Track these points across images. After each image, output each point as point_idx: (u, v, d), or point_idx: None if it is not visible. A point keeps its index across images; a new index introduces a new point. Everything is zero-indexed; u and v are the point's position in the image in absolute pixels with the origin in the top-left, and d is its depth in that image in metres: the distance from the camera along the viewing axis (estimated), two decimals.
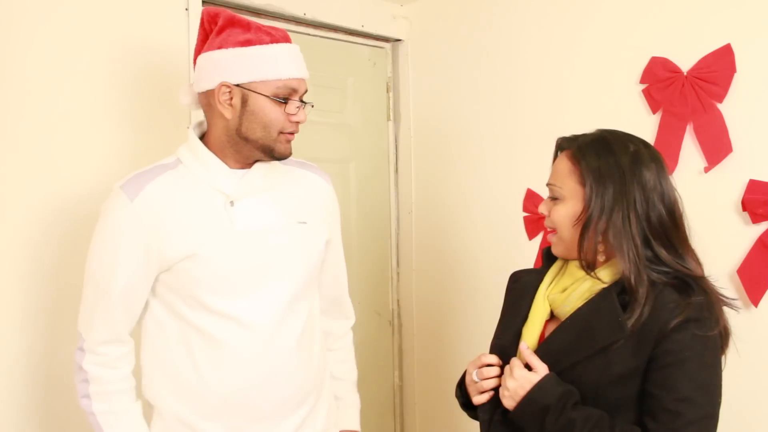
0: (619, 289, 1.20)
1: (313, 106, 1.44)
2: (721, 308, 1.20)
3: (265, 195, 1.44)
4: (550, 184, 1.29)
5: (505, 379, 1.25)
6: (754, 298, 1.79)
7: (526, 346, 1.26)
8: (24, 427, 1.76)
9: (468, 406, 1.37)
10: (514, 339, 1.31)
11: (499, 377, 1.28)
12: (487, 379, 1.29)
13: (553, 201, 1.28)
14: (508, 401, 1.23)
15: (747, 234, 1.81)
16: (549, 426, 1.17)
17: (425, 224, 2.73)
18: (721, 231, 1.83)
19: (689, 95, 1.91)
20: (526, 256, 2.29)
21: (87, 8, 1.86)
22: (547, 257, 1.36)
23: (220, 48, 1.36)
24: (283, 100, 1.37)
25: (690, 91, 1.91)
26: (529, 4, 2.34)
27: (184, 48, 2.04)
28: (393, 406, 2.80)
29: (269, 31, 1.39)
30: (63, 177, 1.81)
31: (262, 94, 1.35)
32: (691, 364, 1.14)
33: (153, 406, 1.43)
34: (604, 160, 1.21)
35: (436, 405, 2.69)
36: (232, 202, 1.39)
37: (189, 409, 1.39)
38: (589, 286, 1.24)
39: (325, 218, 1.56)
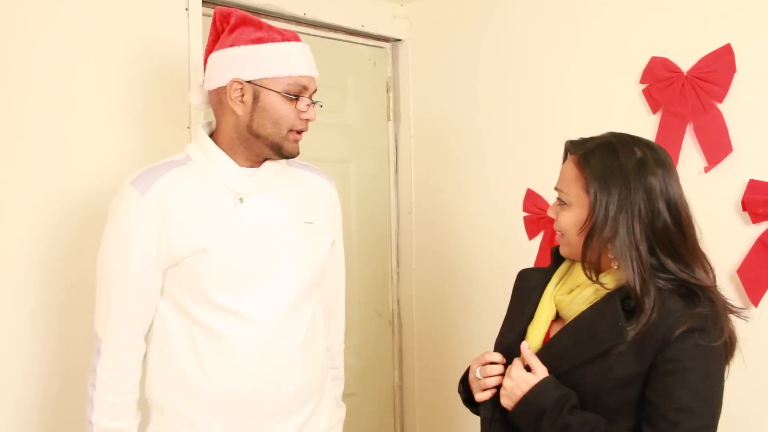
0: (624, 294, 1.19)
1: (321, 106, 1.46)
2: (728, 318, 1.19)
3: (274, 194, 1.45)
4: (557, 189, 1.30)
5: (504, 378, 1.25)
6: (754, 298, 1.79)
7: (527, 347, 1.26)
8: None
9: (470, 402, 1.37)
10: (519, 338, 1.31)
11: (503, 375, 1.28)
12: (490, 377, 1.29)
13: (561, 206, 1.28)
14: (506, 401, 1.24)
15: (747, 234, 1.81)
16: (545, 429, 1.17)
17: (425, 224, 2.73)
18: (721, 231, 1.83)
19: (689, 95, 1.91)
20: (526, 256, 2.29)
21: (87, 8, 1.86)
22: (556, 256, 1.36)
23: (232, 46, 1.39)
24: (294, 97, 1.39)
25: (690, 91, 1.91)
26: (529, 4, 2.34)
27: (184, 48, 2.04)
28: (393, 406, 2.80)
29: (280, 30, 1.42)
30: (62, 177, 1.81)
31: (273, 91, 1.37)
32: (693, 374, 1.13)
33: (156, 405, 1.43)
34: (610, 167, 1.20)
35: (436, 405, 2.69)
36: (241, 199, 1.40)
37: (193, 407, 1.39)
38: (595, 290, 1.24)
39: (329, 221, 1.57)
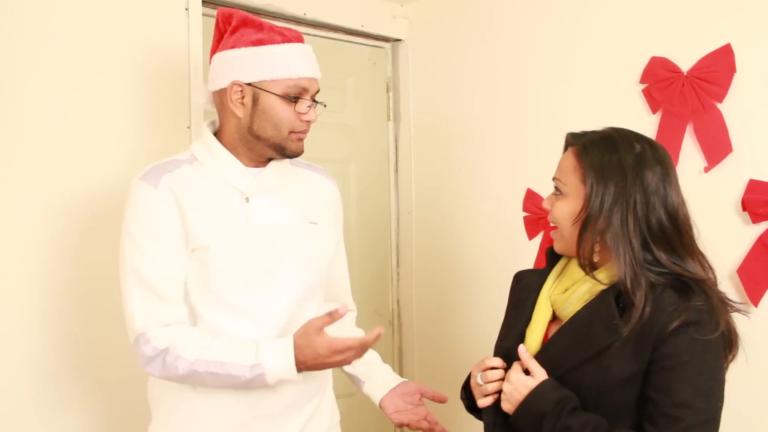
0: (618, 291, 1.19)
1: (325, 106, 1.46)
2: (725, 311, 1.18)
3: (279, 193, 1.46)
4: (555, 179, 1.29)
5: (504, 382, 1.25)
6: (754, 298, 1.79)
7: (524, 350, 1.25)
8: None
9: (473, 408, 1.37)
10: (518, 341, 1.30)
11: (503, 380, 1.27)
12: (491, 382, 1.28)
13: (557, 196, 1.28)
14: (506, 405, 1.24)
15: (747, 234, 1.81)
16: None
17: (425, 224, 2.73)
18: (721, 231, 1.83)
19: (689, 95, 1.91)
20: (526, 256, 2.29)
21: (87, 8, 1.86)
22: (551, 257, 1.36)
23: (233, 47, 1.39)
24: (294, 99, 1.39)
25: (690, 91, 1.91)
26: (530, 4, 2.34)
27: (184, 48, 2.05)
28: None
29: (282, 31, 1.41)
30: (62, 177, 1.80)
31: (272, 93, 1.37)
32: (690, 369, 1.12)
33: (159, 403, 1.43)
34: (608, 159, 1.20)
35: (436, 405, 2.69)
36: (247, 199, 1.41)
37: (198, 405, 1.39)
38: (589, 288, 1.24)
39: (332, 221, 1.57)
